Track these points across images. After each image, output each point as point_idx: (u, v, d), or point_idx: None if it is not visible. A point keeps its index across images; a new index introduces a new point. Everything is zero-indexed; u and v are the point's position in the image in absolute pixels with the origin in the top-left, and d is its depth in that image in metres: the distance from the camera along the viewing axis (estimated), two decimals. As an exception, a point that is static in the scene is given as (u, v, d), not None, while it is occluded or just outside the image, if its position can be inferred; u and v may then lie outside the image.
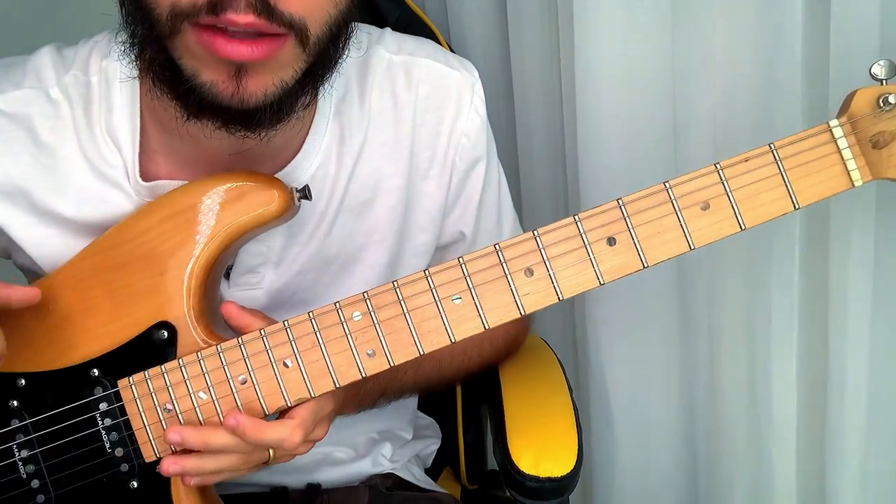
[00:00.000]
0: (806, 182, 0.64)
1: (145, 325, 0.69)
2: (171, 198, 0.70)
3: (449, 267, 0.66)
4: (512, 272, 0.65)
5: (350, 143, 0.75)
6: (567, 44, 0.93)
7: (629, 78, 0.89)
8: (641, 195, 0.65)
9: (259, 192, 0.68)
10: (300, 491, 0.86)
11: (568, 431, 0.81)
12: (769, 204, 0.64)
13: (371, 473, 0.90)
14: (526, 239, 0.65)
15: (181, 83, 0.61)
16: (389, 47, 0.78)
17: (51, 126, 0.71)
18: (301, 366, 0.66)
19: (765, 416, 0.95)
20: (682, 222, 0.65)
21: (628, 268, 0.65)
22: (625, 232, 0.65)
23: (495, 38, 1.07)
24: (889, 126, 0.65)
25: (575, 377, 1.13)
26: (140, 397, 0.68)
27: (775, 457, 0.95)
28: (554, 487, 0.77)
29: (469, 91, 0.79)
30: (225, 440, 0.65)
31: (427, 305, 0.66)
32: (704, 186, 0.64)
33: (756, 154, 0.64)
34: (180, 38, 0.59)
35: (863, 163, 0.64)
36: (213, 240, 0.69)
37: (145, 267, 0.69)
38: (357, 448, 0.90)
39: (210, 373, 0.67)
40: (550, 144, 1.06)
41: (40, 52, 0.73)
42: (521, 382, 0.90)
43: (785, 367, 0.92)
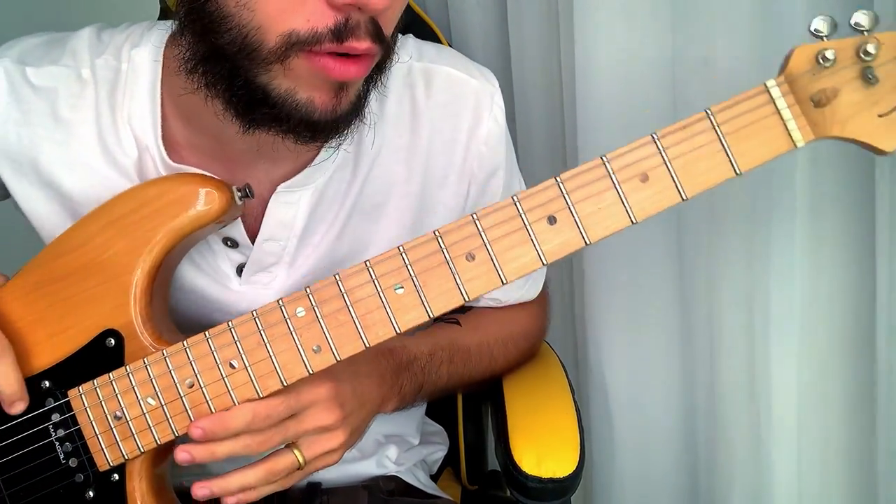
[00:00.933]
0: (746, 146, 0.62)
1: (93, 334, 0.68)
2: (112, 205, 0.70)
3: (389, 256, 0.65)
4: (453, 258, 0.64)
5: (367, 147, 0.76)
6: (567, 43, 0.95)
7: (629, 77, 0.90)
8: (579, 171, 0.63)
9: (197, 194, 0.68)
10: (300, 490, 0.85)
11: (570, 432, 0.81)
12: (709, 171, 0.63)
13: (374, 475, 0.89)
14: (465, 223, 0.64)
15: (265, 104, 0.62)
16: (410, 53, 0.78)
17: (72, 104, 0.72)
18: (247, 366, 0.66)
19: (765, 416, 0.94)
20: (622, 196, 0.63)
21: (570, 246, 0.64)
22: (565, 209, 0.63)
23: (495, 37, 1.07)
24: (829, 83, 0.63)
25: (575, 377, 1.13)
26: (90, 406, 0.67)
27: (775, 457, 0.94)
28: (556, 488, 0.77)
29: (488, 100, 0.78)
30: (243, 418, 0.65)
31: (370, 297, 0.65)
32: (642, 158, 0.63)
33: (693, 121, 0.63)
34: (285, 64, 0.60)
35: (804, 122, 0.62)
36: (155, 245, 0.68)
37: (90, 276, 0.69)
38: (362, 449, 0.89)
39: (157, 378, 0.67)
40: (550, 143, 1.05)
41: (82, 32, 0.75)
42: (523, 382, 0.90)
43: (785, 368, 0.91)
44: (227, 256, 0.76)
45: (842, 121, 0.63)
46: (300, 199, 0.74)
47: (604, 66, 0.90)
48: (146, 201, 0.69)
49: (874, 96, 0.62)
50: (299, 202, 0.74)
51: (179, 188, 0.68)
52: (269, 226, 0.74)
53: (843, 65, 0.62)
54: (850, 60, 0.62)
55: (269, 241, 0.75)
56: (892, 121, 0.62)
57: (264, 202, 0.74)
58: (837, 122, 0.63)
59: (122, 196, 0.69)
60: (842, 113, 0.62)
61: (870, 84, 0.62)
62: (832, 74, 0.63)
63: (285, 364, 0.66)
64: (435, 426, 1.01)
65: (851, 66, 0.62)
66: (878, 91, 0.62)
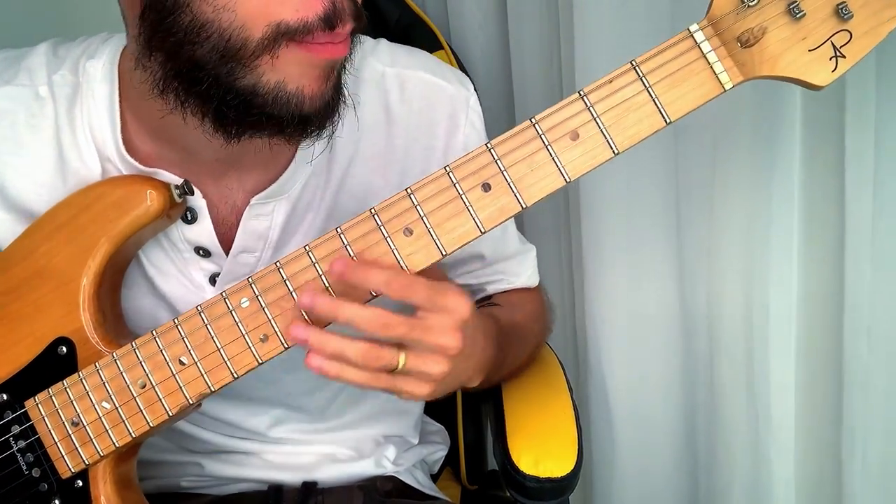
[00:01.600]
0: (674, 94, 0.61)
1: (45, 343, 0.68)
2: (54, 212, 0.70)
3: (328, 238, 0.64)
4: (391, 234, 0.63)
5: (340, 155, 0.74)
6: (567, 44, 0.94)
7: None
8: (509, 135, 0.63)
9: (133, 196, 0.68)
10: (295, 490, 0.85)
11: (568, 432, 0.80)
12: (639, 123, 0.62)
13: (372, 475, 0.88)
14: (400, 198, 0.64)
15: (253, 105, 0.60)
16: (383, 59, 0.76)
17: (33, 125, 0.71)
18: (196, 361, 0.66)
19: (764, 416, 0.93)
20: (554, 156, 0.62)
21: (507, 211, 0.63)
22: (498, 175, 0.63)
23: (495, 39, 1.06)
24: (755, 21, 0.61)
25: (575, 377, 1.12)
26: (47, 415, 0.68)
27: (775, 457, 0.94)
28: (554, 488, 0.77)
29: (464, 106, 0.77)
30: (353, 312, 0.60)
31: (313, 280, 0.64)
32: (571, 115, 0.62)
33: (618, 73, 0.62)
34: (273, 53, 0.59)
35: (731, 64, 0.61)
36: (97, 250, 0.68)
37: (38, 285, 0.69)
38: (360, 450, 0.89)
39: (109, 382, 0.67)
40: None
41: (37, 49, 0.74)
42: (522, 382, 0.89)
43: (785, 368, 0.90)
44: (199, 266, 0.74)
45: (771, 59, 0.61)
46: (274, 210, 0.72)
47: (604, 66, 0.87)
48: (85, 206, 0.69)
49: (802, 31, 0.61)
50: (273, 213, 0.73)
51: (115, 191, 0.68)
52: (243, 238, 0.72)
53: (767, 1, 0.61)
54: (774, -4, 0.61)
55: (243, 253, 0.73)
56: (822, 54, 0.61)
57: (238, 213, 0.72)
58: (767, 61, 0.61)
59: (63, 202, 0.69)
60: (770, 51, 0.61)
61: (796, 19, 0.61)
62: (757, 13, 0.61)
63: (233, 356, 0.65)
64: (435, 426, 1.00)
65: (776, 3, 0.61)
66: (806, 25, 0.61)
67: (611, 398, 1.06)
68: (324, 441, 0.87)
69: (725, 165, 0.91)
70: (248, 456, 0.86)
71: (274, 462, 0.86)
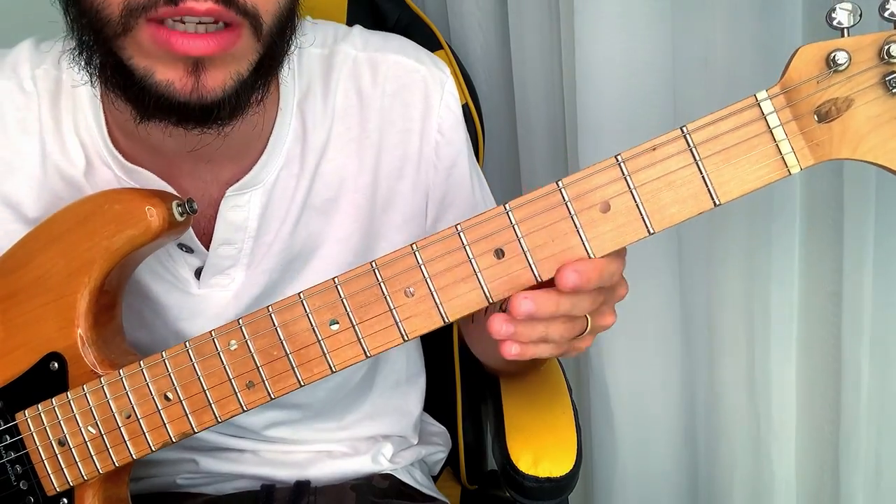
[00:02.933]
0: (728, 173, 0.52)
1: (38, 357, 0.66)
2: (52, 222, 0.66)
3: (324, 289, 0.59)
4: (391, 293, 0.57)
5: (312, 142, 0.73)
6: (568, 43, 0.92)
7: (629, 77, 0.87)
8: (531, 198, 0.55)
9: (132, 212, 0.63)
10: (287, 489, 0.84)
11: (567, 431, 0.80)
12: (683, 202, 0.53)
13: (369, 472, 0.87)
14: (405, 254, 0.57)
15: (133, 84, 0.59)
16: (355, 44, 0.75)
17: (20, 118, 0.71)
18: (181, 399, 0.62)
19: (765, 416, 0.93)
20: (579, 228, 0.54)
21: (519, 284, 0.56)
22: (513, 242, 0.55)
23: (495, 38, 1.05)
24: (841, 91, 0.51)
25: (575, 377, 1.11)
26: (35, 431, 0.66)
27: (775, 456, 0.94)
28: (553, 487, 0.76)
29: (438, 87, 0.75)
30: (569, 300, 0.56)
31: (304, 332, 0.59)
32: (604, 184, 0.54)
33: (665, 140, 0.53)
34: (133, 36, 0.57)
35: (802, 143, 0.51)
36: (95, 266, 0.65)
37: (34, 296, 0.66)
38: (357, 447, 0.87)
39: (96, 407, 0.64)
40: (551, 143, 1.02)
41: (20, 46, 0.74)
42: (521, 382, 0.88)
43: (785, 367, 0.89)
44: (185, 261, 0.73)
45: (853, 139, 0.51)
46: (250, 200, 0.71)
47: (604, 67, 0.87)
48: (83, 219, 0.65)
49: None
50: (249, 204, 0.71)
51: (114, 206, 0.64)
52: (222, 230, 0.71)
53: (859, 69, 0.51)
54: (868, 63, 0.50)
55: (224, 246, 0.72)
56: (919, 139, 0.50)
57: (215, 205, 0.71)
58: (848, 142, 0.51)
59: (61, 213, 0.66)
60: (854, 129, 0.51)
61: (893, 93, 0.50)
62: (845, 81, 0.51)
63: (218, 399, 0.62)
64: (438, 427, 0.98)
65: (870, 71, 0.50)
66: (903, 102, 0.50)
67: (611, 398, 1.05)
68: (320, 440, 0.85)
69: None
70: (243, 453, 0.84)
71: (269, 459, 0.84)
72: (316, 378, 0.60)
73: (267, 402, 0.61)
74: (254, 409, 0.78)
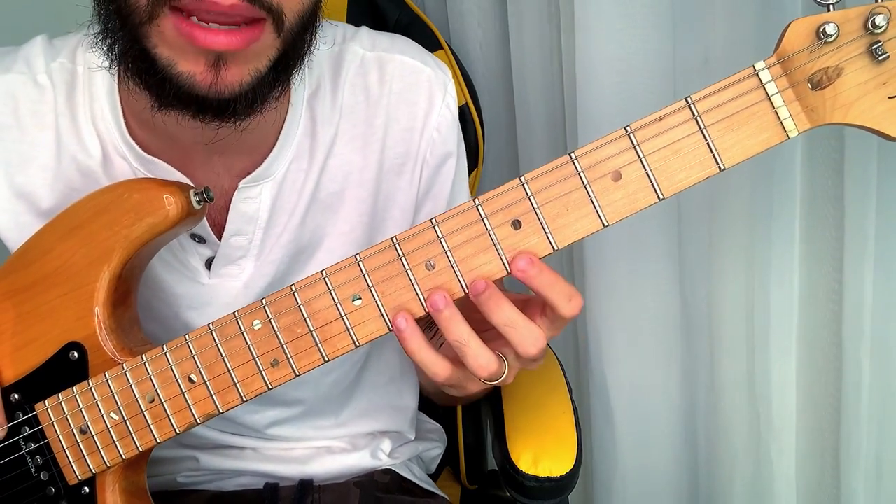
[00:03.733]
0: (731, 138, 0.55)
1: (57, 347, 0.67)
2: (71, 212, 0.67)
3: (346, 265, 0.61)
4: (412, 266, 0.60)
5: (321, 137, 0.75)
6: (568, 43, 0.92)
7: (629, 77, 0.88)
8: (545, 170, 0.58)
9: (151, 201, 0.65)
10: (291, 488, 0.85)
11: (567, 431, 0.80)
12: (690, 168, 0.56)
13: (369, 468, 0.88)
14: (424, 228, 0.59)
15: (155, 73, 0.59)
16: (364, 43, 0.77)
17: (34, 111, 0.72)
18: (206, 381, 0.63)
19: (765, 416, 0.93)
20: (593, 197, 0.57)
21: (537, 252, 0.58)
22: (530, 213, 0.58)
23: (495, 38, 1.06)
24: (831, 61, 0.55)
25: (575, 377, 1.12)
26: (56, 421, 0.66)
27: (775, 457, 0.94)
28: (553, 487, 0.76)
29: (441, 88, 0.78)
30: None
31: (327, 308, 0.61)
32: (614, 154, 0.57)
33: (671, 111, 0.56)
34: (157, 25, 0.58)
35: (798, 109, 0.55)
36: (114, 256, 0.66)
37: (53, 286, 0.67)
38: (355, 443, 0.89)
39: (118, 393, 0.65)
40: (551, 144, 1.03)
41: (32, 42, 0.75)
42: (521, 382, 0.87)
43: (785, 367, 0.90)
44: (196, 251, 0.75)
45: (844, 104, 0.55)
46: (261, 192, 0.73)
47: (604, 66, 0.88)
48: (102, 209, 0.66)
49: (883, 75, 0.54)
50: (261, 196, 0.73)
51: (133, 195, 0.65)
52: (235, 221, 0.73)
53: (847, 39, 0.55)
54: (855, 34, 0.54)
55: (235, 237, 0.74)
56: (904, 103, 0.54)
57: (227, 196, 0.72)
58: (839, 107, 0.55)
59: (79, 203, 0.67)
60: (845, 96, 0.55)
61: (878, 61, 0.54)
62: (834, 51, 0.55)
63: (243, 378, 0.63)
64: (433, 424, 0.99)
65: (857, 41, 0.54)
66: (889, 69, 0.54)
67: (611, 398, 1.06)
68: (319, 437, 0.87)
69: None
70: (244, 450, 0.85)
71: (270, 455, 0.86)
72: (340, 353, 0.61)
73: (291, 380, 0.63)
74: (260, 406, 0.82)
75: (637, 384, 1.03)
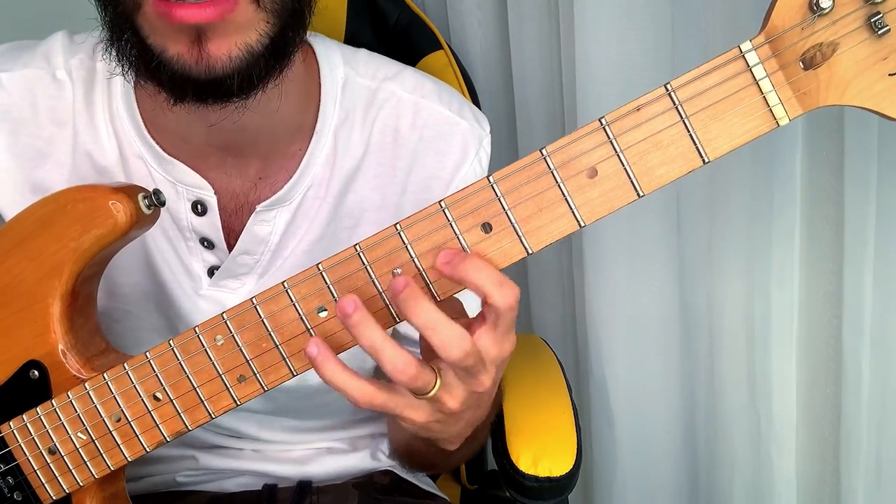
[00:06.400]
0: (716, 128, 0.50)
1: (16, 366, 0.64)
2: (14, 225, 0.64)
3: (309, 276, 0.57)
4: (378, 276, 0.56)
5: (341, 169, 0.74)
6: (568, 43, 0.92)
7: (629, 77, 0.86)
8: (515, 168, 0.53)
9: (97, 210, 0.61)
10: (290, 490, 0.84)
11: (567, 431, 0.80)
12: (670, 161, 0.51)
13: (368, 468, 0.87)
14: (389, 235, 0.55)
15: (151, 62, 0.59)
16: (405, 85, 0.75)
17: (52, 106, 0.71)
18: (171, 399, 0.61)
19: (765, 415, 0.93)
20: (567, 196, 0.53)
21: (509, 256, 0.54)
22: (500, 215, 0.54)
23: (495, 38, 1.04)
24: (825, 36, 0.49)
25: (575, 377, 1.12)
26: (24, 443, 0.64)
27: (775, 457, 0.94)
28: (553, 487, 0.76)
29: (476, 143, 0.76)
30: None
31: (292, 322, 0.58)
32: (589, 148, 0.52)
33: (649, 100, 0.51)
34: (144, 13, 0.57)
35: (789, 93, 0.50)
36: (64, 269, 0.62)
37: (7, 303, 0.64)
38: (355, 443, 0.88)
39: (83, 414, 0.62)
40: (551, 142, 0.98)
41: (53, 37, 0.74)
42: (521, 382, 0.88)
43: (785, 367, 0.90)
44: (201, 256, 0.74)
45: (840, 84, 0.50)
46: (277, 216, 0.73)
47: (604, 66, 0.87)
48: (47, 220, 0.62)
49: (883, 50, 0.49)
50: (276, 220, 0.73)
51: (78, 206, 0.61)
52: (246, 241, 0.73)
53: (844, 12, 0.49)
54: (852, 5, 0.49)
55: (244, 255, 0.73)
56: (906, 80, 0.49)
57: (239, 200, 0.72)
58: (835, 87, 0.50)
59: (21, 215, 0.63)
60: (841, 74, 0.50)
61: (878, 35, 0.49)
62: (829, 26, 0.49)
63: (210, 396, 0.60)
64: None
65: (854, 13, 0.49)
66: (889, 43, 0.49)
67: (611, 398, 1.06)
68: (317, 439, 0.86)
69: (727, 165, 0.88)
70: (243, 450, 0.85)
71: (269, 455, 0.85)
72: (309, 366, 0.58)
73: (261, 394, 0.60)
74: (245, 413, 0.80)
75: (637, 384, 1.03)
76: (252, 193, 0.72)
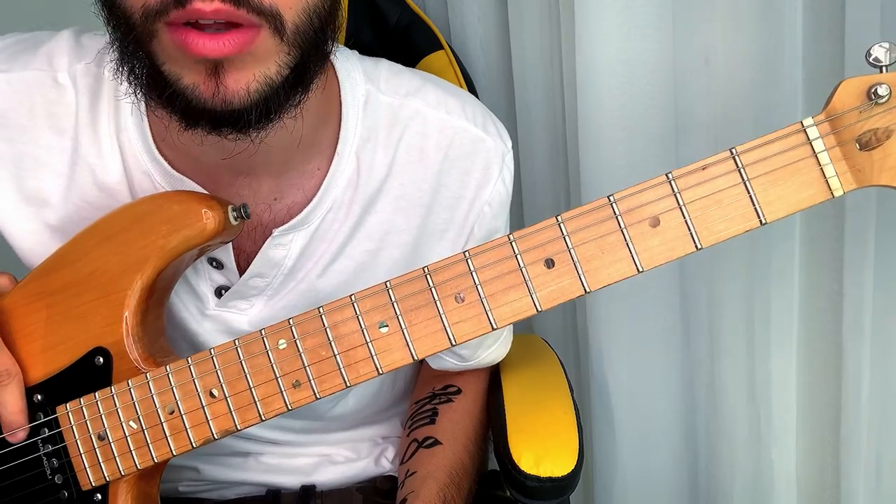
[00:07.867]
0: (774, 193, 0.55)
1: (83, 351, 0.67)
2: (107, 220, 0.68)
3: (375, 292, 0.61)
4: (441, 297, 0.59)
5: (364, 190, 0.72)
6: (568, 43, 0.92)
7: (630, 77, 0.87)
8: (582, 210, 0.57)
9: (189, 213, 0.65)
10: (293, 494, 0.84)
11: (569, 431, 0.80)
12: (730, 219, 0.55)
13: (372, 474, 0.87)
14: (456, 261, 0.59)
15: (166, 89, 0.57)
16: (428, 101, 0.73)
17: (51, 112, 0.69)
18: (226, 396, 0.63)
19: (765, 416, 0.93)
20: (629, 241, 0.56)
21: (568, 293, 0.58)
22: (564, 252, 0.57)
23: (495, 38, 1.05)
24: (881, 122, 0.54)
25: (576, 377, 1.12)
26: (75, 425, 0.67)
27: (775, 457, 0.94)
28: (555, 487, 0.76)
29: (499, 161, 0.74)
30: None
31: (353, 333, 0.61)
32: (654, 199, 0.56)
33: (715, 161, 0.55)
34: (159, 41, 0.55)
35: (845, 168, 0.54)
36: (147, 265, 0.66)
37: (84, 291, 0.68)
38: (358, 451, 0.88)
39: (139, 402, 0.65)
40: (551, 144, 1.03)
41: (59, 36, 0.71)
42: (522, 382, 0.88)
43: (785, 368, 0.90)
44: (209, 276, 0.73)
45: (893, 167, 0.54)
46: (293, 240, 0.71)
47: (604, 65, 0.87)
48: (139, 218, 0.67)
49: (935, 140, 0.53)
50: (292, 244, 0.71)
51: (173, 206, 0.66)
52: (260, 264, 0.71)
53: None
54: (907, 97, 0.53)
55: (256, 278, 0.72)
56: (955, 169, 0.53)
57: (251, 221, 0.70)
58: (888, 169, 0.54)
59: (117, 211, 0.68)
60: (893, 158, 0.54)
61: (930, 125, 0.53)
62: (885, 113, 0.54)
63: (263, 397, 0.63)
64: None
65: (909, 103, 0.53)
66: (940, 134, 0.53)
67: (612, 398, 1.05)
68: (321, 442, 0.85)
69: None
70: (246, 459, 0.84)
71: (271, 465, 0.84)
72: (362, 379, 0.61)
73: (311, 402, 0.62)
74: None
75: (638, 384, 1.03)
76: (267, 215, 0.70)
